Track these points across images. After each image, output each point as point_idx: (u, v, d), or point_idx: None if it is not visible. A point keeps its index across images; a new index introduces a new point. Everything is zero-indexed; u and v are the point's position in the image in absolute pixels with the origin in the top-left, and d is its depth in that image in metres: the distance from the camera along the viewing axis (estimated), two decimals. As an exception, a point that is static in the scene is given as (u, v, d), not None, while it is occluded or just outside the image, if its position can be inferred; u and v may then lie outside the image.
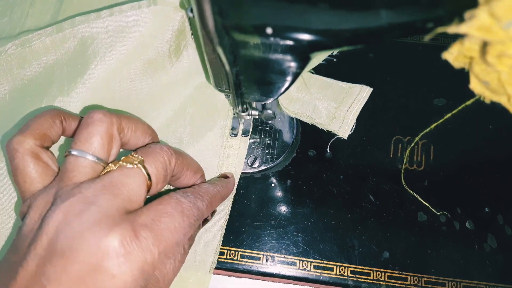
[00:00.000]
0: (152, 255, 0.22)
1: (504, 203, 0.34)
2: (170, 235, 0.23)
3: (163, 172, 0.25)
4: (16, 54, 0.32)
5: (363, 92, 0.36)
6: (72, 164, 0.24)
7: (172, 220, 0.24)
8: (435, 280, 0.31)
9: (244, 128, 0.35)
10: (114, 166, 0.24)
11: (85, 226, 0.21)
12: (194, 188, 0.28)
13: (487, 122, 0.36)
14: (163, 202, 0.24)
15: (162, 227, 0.23)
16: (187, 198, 0.26)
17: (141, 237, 0.22)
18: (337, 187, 0.34)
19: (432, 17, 0.16)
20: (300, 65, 0.22)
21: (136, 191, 0.23)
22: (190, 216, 0.25)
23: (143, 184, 0.24)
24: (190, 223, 0.25)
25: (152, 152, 0.25)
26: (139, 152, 0.25)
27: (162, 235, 0.23)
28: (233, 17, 0.18)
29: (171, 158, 0.26)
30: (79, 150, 0.24)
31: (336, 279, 0.32)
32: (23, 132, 0.25)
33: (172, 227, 0.23)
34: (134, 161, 0.24)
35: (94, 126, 0.24)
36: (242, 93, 0.29)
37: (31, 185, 0.25)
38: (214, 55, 0.25)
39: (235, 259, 0.32)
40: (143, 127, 0.27)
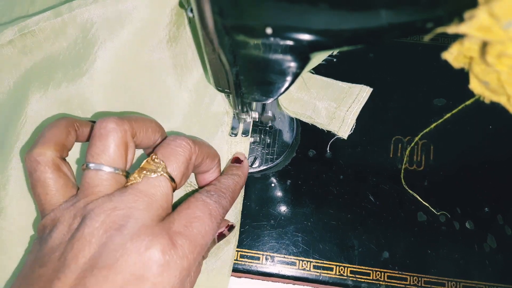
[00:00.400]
0: (188, 261, 0.23)
1: (504, 203, 0.34)
2: (202, 239, 0.24)
3: (186, 171, 0.26)
4: (17, 42, 0.32)
5: (363, 92, 0.36)
6: (93, 179, 0.24)
7: (202, 224, 0.24)
8: (434, 280, 0.31)
9: (244, 128, 0.35)
10: (139, 178, 0.24)
11: (127, 239, 0.21)
12: (216, 185, 0.28)
13: (487, 122, 0.36)
14: (191, 206, 0.25)
15: (195, 232, 0.24)
16: (212, 198, 0.26)
17: (178, 245, 0.23)
18: (337, 187, 0.34)
19: (432, 17, 0.16)
20: (300, 65, 0.22)
21: (164, 197, 0.24)
22: (217, 216, 0.26)
23: (170, 189, 0.24)
24: (218, 223, 0.26)
25: (172, 152, 0.25)
26: (159, 155, 0.25)
27: (195, 240, 0.23)
28: (233, 17, 0.18)
29: (191, 153, 0.26)
30: (97, 164, 0.24)
31: (336, 279, 0.32)
32: (43, 144, 0.25)
33: (203, 230, 0.24)
34: (158, 168, 0.24)
35: (108, 136, 0.24)
36: (242, 93, 0.29)
37: (52, 197, 0.25)
38: (214, 55, 0.25)
39: (235, 259, 0.32)
40: (152, 126, 0.27)
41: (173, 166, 0.25)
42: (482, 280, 0.31)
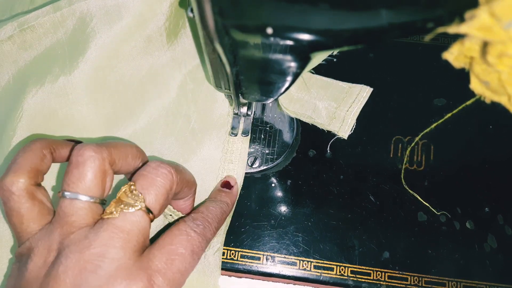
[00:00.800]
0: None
1: (504, 203, 0.34)
2: (181, 277, 0.24)
3: (165, 202, 0.25)
4: (16, 37, 0.32)
5: (363, 92, 0.36)
6: (68, 208, 0.23)
7: (183, 262, 0.24)
8: (435, 280, 0.31)
9: (244, 128, 0.35)
10: (116, 213, 0.23)
11: (103, 281, 0.21)
12: (203, 213, 0.28)
13: (487, 122, 0.36)
14: (175, 241, 0.24)
15: (175, 270, 0.23)
16: (197, 230, 0.25)
17: (156, 286, 0.22)
18: (337, 187, 0.34)
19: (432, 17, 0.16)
20: (300, 65, 0.22)
21: (141, 232, 0.23)
22: (199, 252, 0.25)
23: (147, 223, 0.24)
24: (199, 258, 0.25)
25: (152, 183, 0.24)
26: (138, 186, 0.24)
27: (174, 279, 0.23)
28: (233, 17, 0.18)
29: (172, 184, 0.25)
30: (73, 193, 0.23)
31: (336, 279, 0.32)
32: (15, 171, 0.24)
33: (183, 268, 0.24)
34: (136, 202, 0.23)
35: (86, 165, 0.23)
36: (242, 93, 0.29)
37: (28, 226, 0.24)
38: (214, 55, 0.25)
39: (235, 259, 0.32)
40: (132, 152, 0.26)
41: (152, 198, 0.24)
42: (483, 280, 0.31)
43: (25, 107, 0.32)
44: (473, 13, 0.14)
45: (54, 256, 0.22)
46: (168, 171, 0.25)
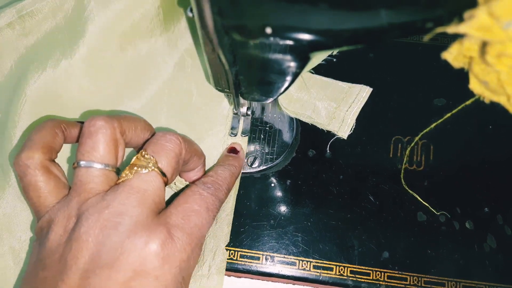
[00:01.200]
0: (187, 253, 0.24)
1: (504, 203, 0.34)
2: (199, 231, 0.25)
3: (176, 166, 0.26)
4: (16, 24, 0.32)
5: (363, 92, 0.36)
6: (85, 176, 0.24)
7: (199, 217, 0.25)
8: (434, 280, 0.31)
9: (244, 128, 0.35)
10: (131, 174, 0.24)
11: (124, 236, 0.22)
12: (213, 176, 0.29)
13: (487, 122, 0.36)
14: (189, 200, 0.26)
15: (192, 225, 0.25)
16: (209, 191, 0.27)
17: (176, 238, 0.23)
18: (336, 187, 0.34)
19: (431, 17, 0.16)
20: (300, 65, 0.22)
21: (157, 192, 0.24)
22: (213, 209, 0.27)
23: (161, 184, 0.25)
24: (214, 216, 0.27)
25: (162, 148, 0.25)
26: (149, 151, 0.25)
27: (193, 233, 0.24)
28: (232, 17, 0.18)
29: (181, 149, 0.26)
30: (88, 161, 0.24)
31: (336, 279, 0.32)
32: (30, 147, 0.25)
33: (200, 223, 0.25)
34: (149, 163, 0.24)
35: (98, 134, 0.24)
36: (242, 93, 0.29)
37: (45, 199, 0.25)
38: (214, 55, 0.25)
39: (234, 259, 0.32)
40: (141, 124, 0.27)
41: (164, 161, 0.25)
42: (482, 280, 0.31)
43: (28, 93, 0.32)
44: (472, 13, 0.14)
45: (74, 222, 0.23)
46: (176, 137, 0.26)
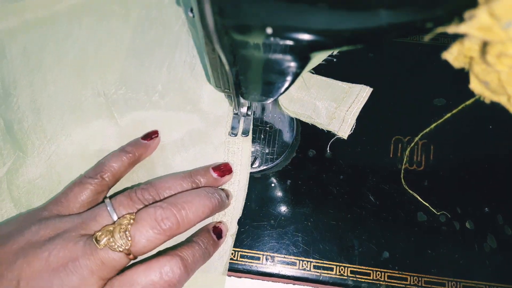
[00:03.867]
0: None
1: (504, 203, 0.34)
2: None
3: (154, 247, 0.26)
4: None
5: (363, 92, 0.36)
6: (101, 219, 0.27)
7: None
8: (435, 280, 0.31)
9: (244, 128, 0.35)
10: (102, 246, 0.25)
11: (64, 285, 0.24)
12: (185, 260, 0.27)
13: (487, 122, 0.36)
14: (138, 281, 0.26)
15: None
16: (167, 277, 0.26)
17: None
18: (337, 187, 0.34)
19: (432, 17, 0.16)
20: (300, 65, 0.22)
21: (116, 268, 0.25)
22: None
23: (125, 261, 0.26)
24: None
25: (147, 232, 0.25)
26: (134, 228, 0.25)
27: None
28: (233, 17, 0.18)
29: (167, 236, 0.26)
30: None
31: (336, 279, 0.32)
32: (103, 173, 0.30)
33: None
34: (122, 245, 0.25)
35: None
36: (242, 93, 0.29)
37: (74, 205, 0.29)
38: (214, 55, 0.25)
39: (235, 259, 0.32)
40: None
41: (140, 245, 0.25)
42: (482, 280, 0.31)
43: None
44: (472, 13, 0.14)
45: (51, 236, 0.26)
46: (168, 228, 0.26)
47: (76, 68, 0.37)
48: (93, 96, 0.36)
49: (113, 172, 0.30)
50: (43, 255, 0.24)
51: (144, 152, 0.33)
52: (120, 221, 0.25)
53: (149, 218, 0.26)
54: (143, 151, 0.33)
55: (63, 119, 0.35)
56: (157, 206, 0.26)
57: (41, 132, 0.35)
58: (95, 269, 0.24)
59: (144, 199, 0.28)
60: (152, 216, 0.26)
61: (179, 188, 0.29)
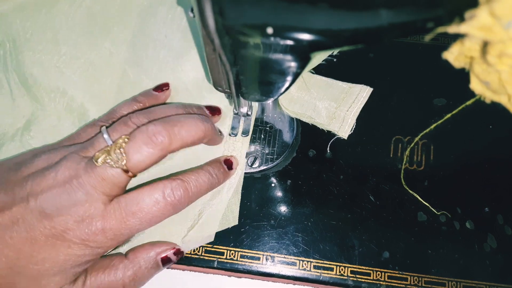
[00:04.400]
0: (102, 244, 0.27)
1: (504, 203, 0.34)
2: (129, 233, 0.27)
3: (149, 165, 0.27)
4: None
5: (363, 92, 0.36)
6: (98, 144, 0.28)
7: (138, 223, 0.27)
8: (435, 280, 0.31)
9: (244, 128, 0.35)
10: (100, 163, 0.26)
11: (69, 203, 0.26)
12: (189, 182, 0.29)
13: (487, 122, 0.36)
14: (145, 200, 0.27)
15: (123, 226, 0.27)
16: (170, 198, 0.28)
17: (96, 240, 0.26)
18: (337, 187, 0.34)
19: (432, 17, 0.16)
20: (300, 65, 0.22)
21: (116, 184, 0.27)
22: (159, 219, 0.28)
23: (125, 179, 0.27)
24: (156, 223, 0.28)
25: (140, 148, 0.26)
26: (128, 145, 0.26)
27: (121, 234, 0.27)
28: (233, 17, 0.18)
29: (162, 151, 0.27)
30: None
31: (336, 279, 0.32)
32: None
33: (134, 228, 0.27)
34: (118, 161, 0.26)
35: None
36: (242, 93, 0.29)
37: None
38: (214, 55, 0.25)
39: (235, 259, 0.32)
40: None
41: (135, 161, 0.26)
42: (483, 280, 0.31)
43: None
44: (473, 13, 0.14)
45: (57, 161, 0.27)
46: (160, 143, 0.27)
47: (85, 28, 0.38)
48: (105, 54, 0.38)
49: None
50: (50, 175, 0.26)
51: (155, 103, 0.34)
52: (116, 142, 0.27)
53: (142, 135, 0.27)
54: (153, 101, 0.34)
55: (76, 74, 0.37)
56: (149, 123, 0.28)
57: (54, 86, 0.36)
58: (97, 185, 0.26)
59: (140, 123, 0.29)
60: (144, 133, 0.27)
61: (174, 114, 0.30)
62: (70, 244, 0.26)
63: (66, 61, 0.37)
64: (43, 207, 0.25)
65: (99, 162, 0.26)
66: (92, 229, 0.26)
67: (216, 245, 0.33)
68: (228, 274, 0.33)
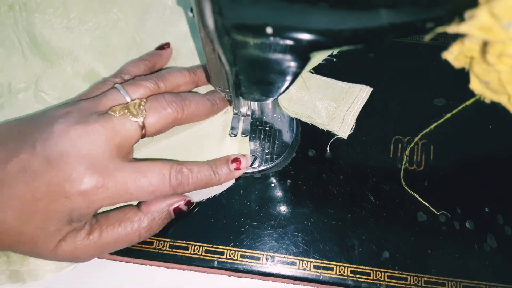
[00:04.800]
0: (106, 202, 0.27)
1: (504, 203, 0.34)
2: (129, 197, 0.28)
3: (162, 128, 0.30)
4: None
5: (363, 92, 0.36)
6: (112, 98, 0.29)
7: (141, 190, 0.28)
8: (435, 280, 0.31)
9: (244, 128, 0.35)
10: (119, 112, 0.27)
11: (74, 153, 0.26)
12: (192, 172, 0.30)
13: (487, 122, 0.36)
14: (151, 172, 0.28)
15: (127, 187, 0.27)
16: (173, 181, 0.29)
17: (104, 188, 0.26)
18: (337, 187, 0.34)
19: (432, 17, 0.16)
20: (300, 65, 0.22)
21: (128, 139, 0.28)
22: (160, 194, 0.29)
23: (138, 135, 0.28)
24: (155, 197, 0.29)
25: (160, 110, 0.29)
26: (148, 105, 0.29)
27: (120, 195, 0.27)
28: (233, 17, 0.18)
29: (176, 119, 0.30)
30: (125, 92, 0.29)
31: (336, 279, 0.32)
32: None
33: (135, 193, 0.28)
34: (138, 115, 0.28)
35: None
36: (242, 93, 0.29)
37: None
38: (214, 55, 0.25)
39: (235, 259, 0.32)
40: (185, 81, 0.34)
41: (152, 120, 0.28)
42: (483, 280, 0.31)
43: None
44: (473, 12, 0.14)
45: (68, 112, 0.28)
46: (178, 106, 0.30)
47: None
48: (112, 18, 0.39)
49: (132, 75, 0.34)
50: (60, 124, 0.26)
51: (159, 61, 0.37)
52: (134, 100, 0.29)
53: (160, 99, 0.29)
54: (158, 59, 0.37)
55: (84, 35, 0.39)
56: (165, 93, 0.31)
57: (64, 45, 0.38)
58: (108, 136, 0.26)
59: (152, 85, 0.31)
60: (162, 99, 0.29)
61: (180, 78, 0.33)
62: (70, 196, 0.26)
63: (75, 24, 0.39)
64: (49, 154, 0.25)
65: (117, 114, 0.27)
66: (94, 182, 0.26)
67: (216, 245, 0.33)
68: (228, 274, 0.33)
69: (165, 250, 0.32)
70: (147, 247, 0.32)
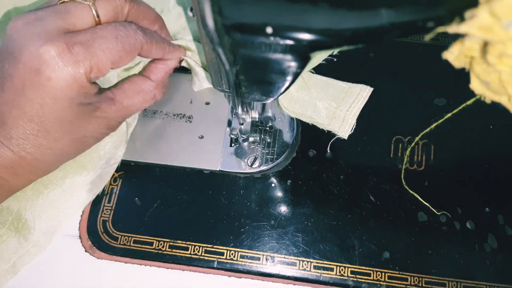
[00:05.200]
0: (84, 67, 0.26)
1: (504, 203, 0.34)
2: (102, 53, 0.27)
3: (113, 15, 0.28)
4: None
5: (363, 92, 0.36)
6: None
7: (105, 42, 0.27)
8: (435, 280, 0.31)
9: (244, 128, 0.35)
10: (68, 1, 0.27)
11: (28, 35, 0.25)
12: (143, 27, 0.30)
13: (487, 122, 0.36)
14: (101, 27, 0.28)
15: (95, 46, 0.26)
16: (126, 28, 0.28)
17: (74, 51, 0.26)
18: (337, 187, 0.34)
19: (432, 17, 0.16)
20: (300, 65, 0.22)
21: (81, 20, 0.27)
22: (124, 42, 0.28)
23: (90, 18, 0.28)
24: (124, 48, 0.28)
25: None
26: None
27: (94, 52, 0.26)
28: (233, 17, 0.18)
29: (124, 5, 0.29)
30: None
31: (336, 279, 0.32)
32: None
33: (105, 47, 0.27)
34: (86, 1, 0.27)
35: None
36: (242, 93, 0.28)
37: None
38: (214, 55, 0.25)
39: (235, 259, 0.32)
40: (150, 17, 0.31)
41: (102, 5, 0.28)
42: (483, 280, 0.31)
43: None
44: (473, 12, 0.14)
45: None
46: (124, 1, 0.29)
47: None
48: None
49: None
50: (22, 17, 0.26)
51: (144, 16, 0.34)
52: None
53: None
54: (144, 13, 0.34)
55: None
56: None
57: None
58: (58, 17, 0.26)
59: None
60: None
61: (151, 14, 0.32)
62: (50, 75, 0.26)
63: None
64: (11, 52, 0.26)
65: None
66: (59, 49, 0.26)
67: (216, 245, 0.33)
68: (228, 274, 0.33)
69: (165, 250, 0.32)
70: (147, 247, 0.32)
